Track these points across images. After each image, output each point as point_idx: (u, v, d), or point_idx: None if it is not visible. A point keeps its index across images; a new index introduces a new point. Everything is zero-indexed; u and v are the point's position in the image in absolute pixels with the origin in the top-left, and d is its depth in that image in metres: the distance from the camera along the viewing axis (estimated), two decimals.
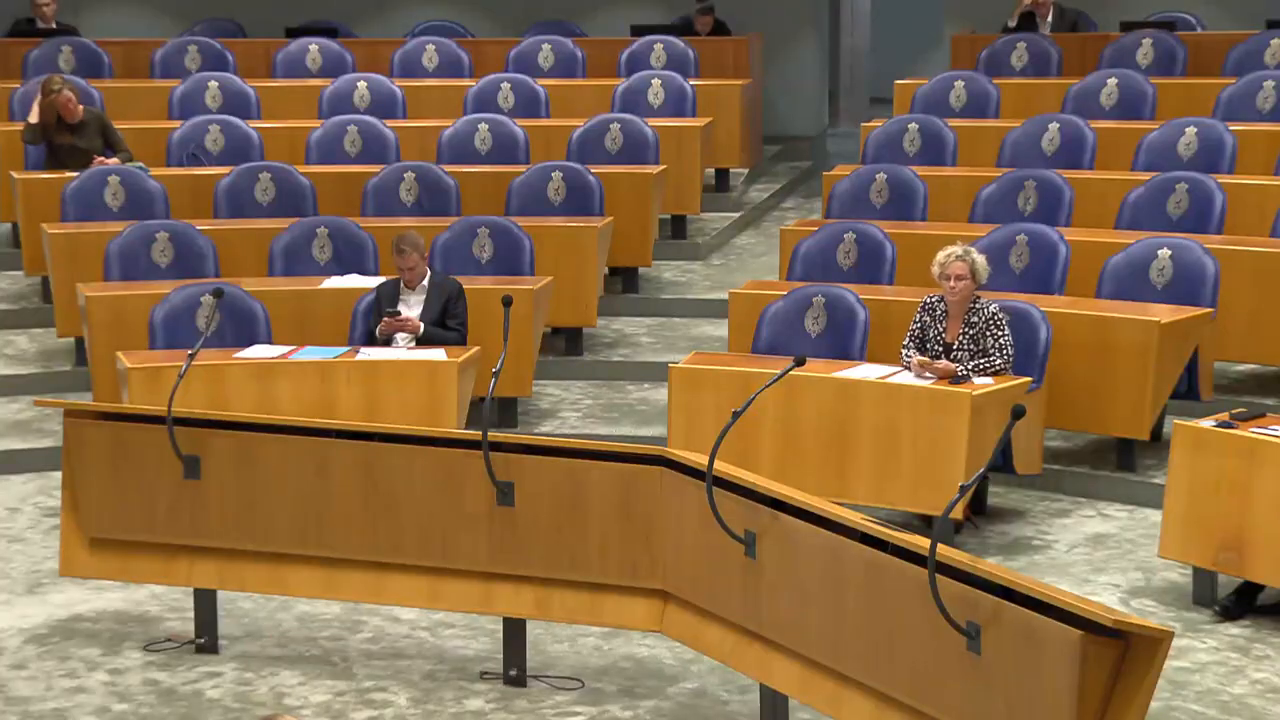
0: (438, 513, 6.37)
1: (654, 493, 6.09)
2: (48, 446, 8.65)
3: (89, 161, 10.45)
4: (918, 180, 10.00)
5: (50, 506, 8.15)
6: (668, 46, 12.72)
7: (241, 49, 13.10)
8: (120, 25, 14.51)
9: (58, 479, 7.12)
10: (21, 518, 8.27)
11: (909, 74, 12.59)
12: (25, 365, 9.94)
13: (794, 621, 5.59)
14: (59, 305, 9.73)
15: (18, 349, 10.17)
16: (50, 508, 8.13)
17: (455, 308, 8.58)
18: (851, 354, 8.23)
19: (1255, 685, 6.33)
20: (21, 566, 7.66)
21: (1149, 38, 11.68)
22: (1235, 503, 6.79)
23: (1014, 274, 8.87)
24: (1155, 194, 9.42)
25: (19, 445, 8.98)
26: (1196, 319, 8.29)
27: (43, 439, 8.93)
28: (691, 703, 6.24)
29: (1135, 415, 8.16)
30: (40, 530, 8.05)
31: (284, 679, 6.49)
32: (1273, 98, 10.62)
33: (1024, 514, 8.09)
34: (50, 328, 9.99)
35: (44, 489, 8.50)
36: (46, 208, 10.21)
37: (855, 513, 5.51)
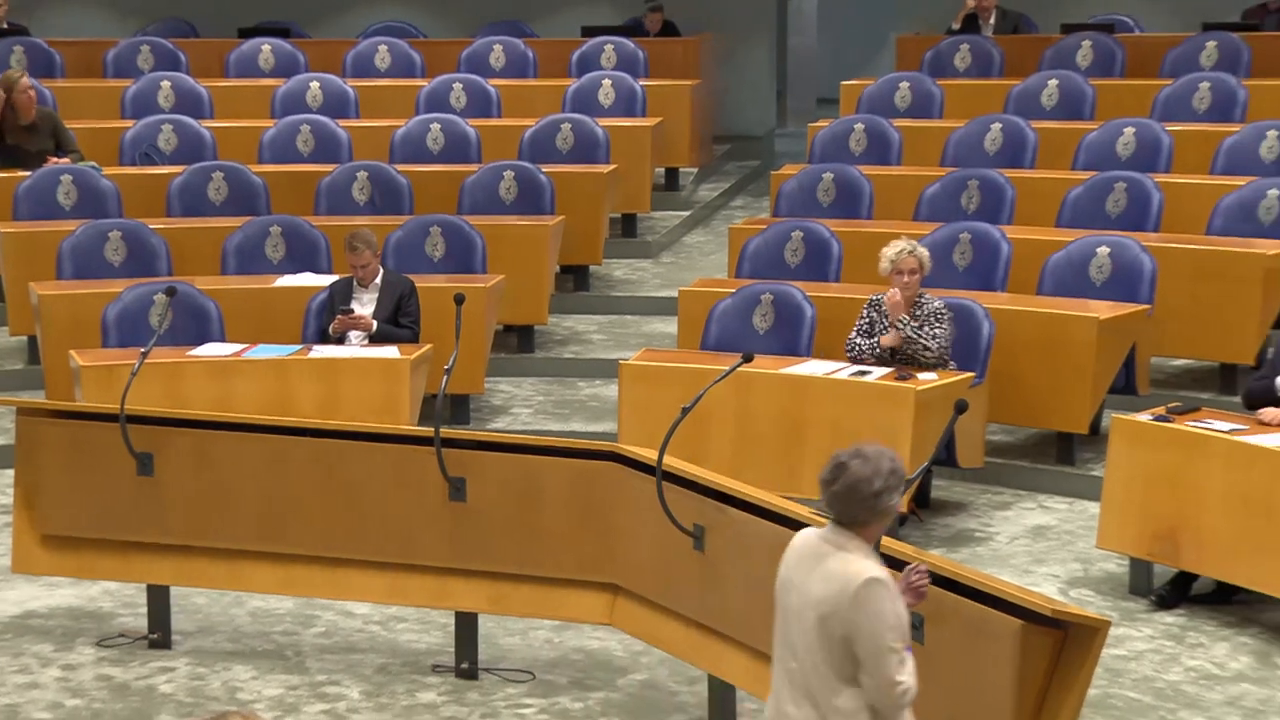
0: (393, 508, 6.37)
1: (605, 488, 6.11)
2: (1, 445, 8.59)
3: (41, 162, 10.37)
4: (864, 179, 10.05)
5: (3, 504, 8.08)
6: (618, 47, 12.73)
7: (194, 49, 13.03)
8: (72, 25, 14.43)
9: (10, 476, 7.09)
10: None
11: (855, 75, 12.65)
12: None
13: (743, 613, 5.61)
14: (12, 304, 9.69)
15: None
16: (3, 505, 8.06)
17: (408, 305, 8.58)
18: (799, 350, 8.26)
19: (1190, 672, 6.40)
20: None
21: (1089, 40, 11.76)
22: (1171, 495, 6.86)
23: (957, 271, 8.93)
24: (1094, 193, 9.50)
25: None
26: (1134, 315, 8.36)
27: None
28: (641, 694, 6.27)
29: (1075, 410, 8.23)
30: None
31: (237, 673, 6.48)
32: (1208, 99, 10.72)
33: (966, 506, 8.14)
34: (3, 326, 9.94)
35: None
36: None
37: (802, 506, 5.55)
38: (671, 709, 6.11)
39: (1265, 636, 6.69)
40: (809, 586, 4.16)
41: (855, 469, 4.14)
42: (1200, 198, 9.33)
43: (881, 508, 4.14)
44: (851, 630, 4.06)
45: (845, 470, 4.16)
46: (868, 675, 4.08)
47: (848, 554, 4.14)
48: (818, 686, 4.13)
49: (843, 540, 4.16)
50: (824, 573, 4.14)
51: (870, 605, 4.05)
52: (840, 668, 4.09)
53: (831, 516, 4.21)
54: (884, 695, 4.08)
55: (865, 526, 4.17)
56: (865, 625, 4.05)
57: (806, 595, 4.16)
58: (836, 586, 4.09)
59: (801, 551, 4.26)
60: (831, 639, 4.09)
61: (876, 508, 4.15)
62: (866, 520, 4.16)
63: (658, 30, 13.51)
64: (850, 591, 4.06)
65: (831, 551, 4.16)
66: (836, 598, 4.08)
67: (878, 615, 4.06)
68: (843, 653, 4.08)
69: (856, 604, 4.05)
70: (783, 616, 4.25)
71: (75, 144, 10.68)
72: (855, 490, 4.14)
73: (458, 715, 6.11)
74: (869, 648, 4.06)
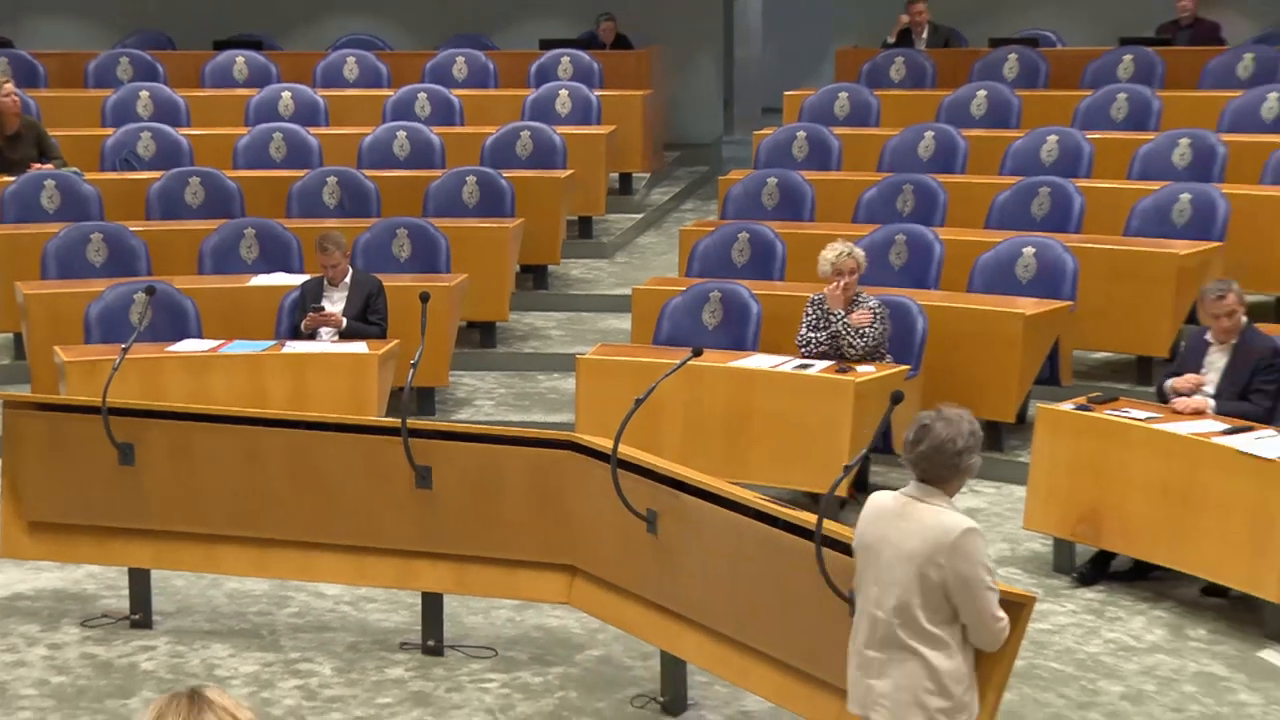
0: (361, 495, 6.35)
1: (563, 475, 6.11)
2: None
3: (25, 168, 10.29)
4: (805, 184, 10.07)
5: None
6: (574, 59, 12.72)
7: (172, 60, 12.96)
8: (55, 37, 14.32)
9: None
10: None
11: (797, 86, 12.66)
12: None
13: (693, 592, 5.62)
14: None
15: None
16: None
17: (376, 303, 8.55)
18: (745, 345, 8.28)
19: (1108, 644, 6.45)
20: None
21: (1014, 53, 11.82)
22: (1091, 479, 6.91)
23: (893, 270, 8.96)
24: (1020, 197, 9.55)
25: None
26: (1057, 311, 8.41)
27: None
28: (597, 669, 6.27)
29: (1002, 399, 8.27)
30: None
31: (215, 651, 6.45)
32: (1125, 108, 10.79)
33: None
34: None
35: None
36: None
37: (749, 491, 5.56)
38: (626, 683, 6.12)
39: (1178, 610, 6.75)
40: (903, 541, 4.26)
41: (939, 431, 4.27)
42: (1118, 201, 9.39)
43: (963, 466, 4.28)
44: (951, 576, 4.18)
45: (929, 432, 4.27)
46: (969, 615, 4.21)
47: (937, 508, 4.25)
48: (909, 631, 4.24)
49: (929, 496, 4.27)
50: (918, 526, 4.24)
51: (969, 552, 4.19)
52: (937, 610, 4.21)
53: (916, 475, 4.31)
54: (986, 631, 4.22)
55: (947, 483, 4.29)
56: (966, 570, 4.18)
57: (901, 548, 4.25)
58: (934, 537, 4.20)
59: (886, 511, 4.35)
60: (929, 585, 4.20)
61: (958, 466, 4.27)
62: (949, 477, 4.28)
63: (611, 40, 13.50)
64: (949, 542, 4.18)
65: (920, 507, 4.27)
66: (935, 548, 4.19)
67: (977, 561, 4.19)
68: (940, 597, 4.20)
69: (956, 552, 4.17)
70: (866, 571, 4.36)
71: (58, 151, 10.60)
72: (940, 450, 4.26)
73: (424, 690, 6.09)
74: (970, 591, 4.19)
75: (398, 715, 5.89)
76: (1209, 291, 7.09)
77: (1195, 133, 9.93)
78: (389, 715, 5.89)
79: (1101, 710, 5.91)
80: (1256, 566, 6.37)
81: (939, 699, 4.21)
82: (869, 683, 4.31)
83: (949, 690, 4.21)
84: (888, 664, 4.27)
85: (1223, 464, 6.50)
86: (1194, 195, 9.16)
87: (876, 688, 4.28)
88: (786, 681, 5.29)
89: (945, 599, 4.20)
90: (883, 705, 4.27)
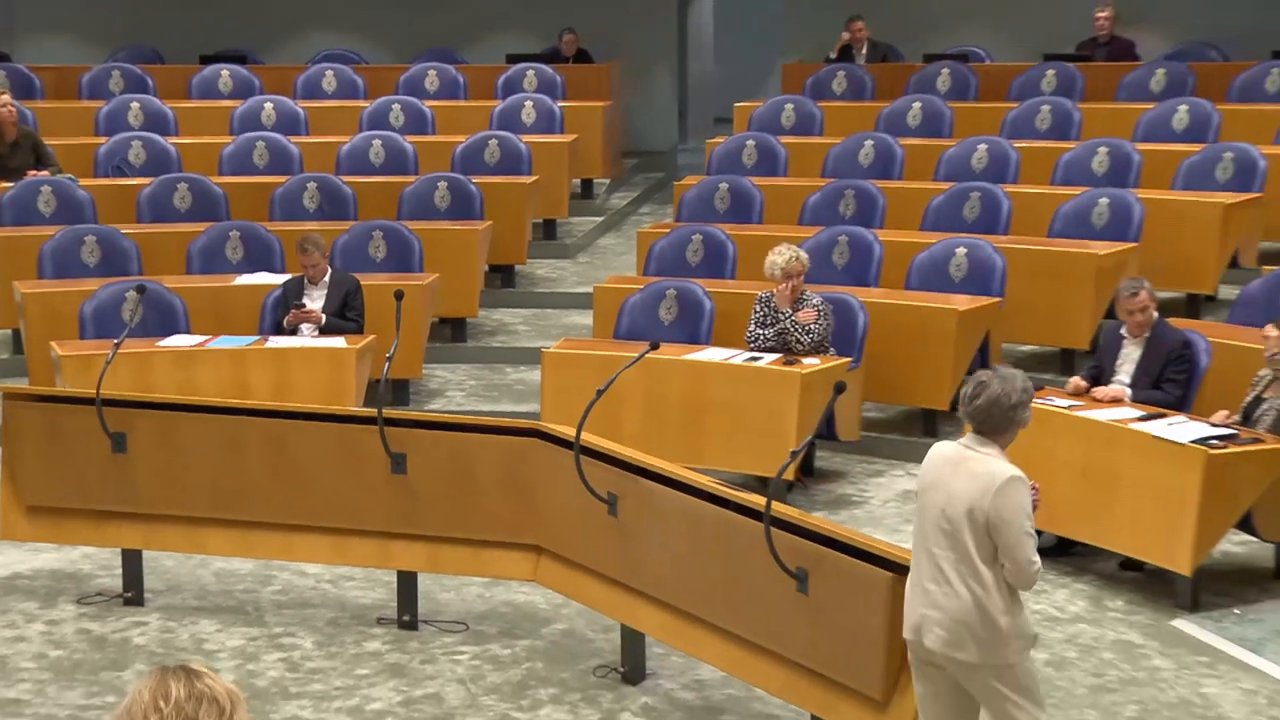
0: (340, 480, 6.32)
1: (529, 461, 6.10)
2: None
3: (23, 175, 10.21)
4: (755, 189, 10.08)
5: None
6: (539, 72, 12.69)
7: (160, 73, 12.86)
8: (50, 52, 14.20)
9: None
10: None
11: (747, 98, 12.68)
12: None
13: (651, 569, 5.62)
14: None
15: None
16: None
17: (354, 301, 8.51)
18: (699, 339, 8.29)
19: (1034, 615, 6.44)
20: None
21: (947, 68, 11.87)
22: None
23: (836, 269, 8.99)
24: (953, 201, 9.59)
25: None
26: (988, 307, 8.45)
27: None
28: (561, 641, 6.26)
29: (937, 389, 8.31)
30: None
31: (203, 627, 6.41)
32: (1048, 119, 10.85)
33: (845, 474, 8.20)
34: None
35: None
36: None
37: (704, 475, 5.56)
38: (589, 654, 6.12)
39: (1098, 583, 6.79)
40: (955, 485, 4.38)
41: (994, 387, 4.37)
42: (1042, 205, 9.44)
43: (1015, 419, 4.39)
44: (994, 518, 4.29)
45: (986, 389, 4.38)
46: (1008, 556, 4.31)
47: (988, 457, 4.37)
48: (961, 565, 4.35)
49: (982, 446, 4.39)
50: (969, 473, 4.36)
51: (1012, 498, 4.30)
52: (981, 549, 4.33)
53: (972, 427, 4.42)
54: (1021, 571, 4.33)
55: (1001, 435, 4.40)
56: (1007, 514, 4.29)
57: (953, 492, 4.38)
58: (982, 484, 4.32)
59: (944, 458, 4.47)
60: (977, 526, 4.32)
61: (1011, 419, 4.39)
62: (1003, 430, 4.40)
63: (573, 54, 13.47)
64: (994, 487, 4.30)
65: (973, 456, 4.39)
66: (982, 493, 4.31)
67: (1018, 506, 4.31)
68: (985, 537, 4.32)
69: (1000, 497, 4.29)
70: (926, 511, 4.46)
71: (54, 158, 10.52)
72: (995, 405, 4.37)
73: (400, 662, 6.07)
74: (1010, 533, 4.30)
75: (375, 686, 5.87)
76: (1124, 289, 7.14)
77: (1112, 142, 9.99)
78: (367, 686, 5.87)
79: None
80: (1169, 543, 6.42)
81: (985, 628, 4.33)
82: (923, 611, 4.43)
83: (995, 620, 4.33)
84: (941, 595, 4.38)
85: (1139, 448, 6.54)
86: (1111, 200, 9.22)
87: (931, 616, 4.41)
88: (737, 652, 5.30)
89: (989, 538, 4.32)
90: (936, 632, 4.39)
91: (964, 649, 4.34)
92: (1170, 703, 5.71)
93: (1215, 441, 6.37)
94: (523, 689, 5.83)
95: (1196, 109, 10.44)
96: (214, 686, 2.47)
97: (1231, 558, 6.95)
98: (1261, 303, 7.92)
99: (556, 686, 5.84)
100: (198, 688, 2.47)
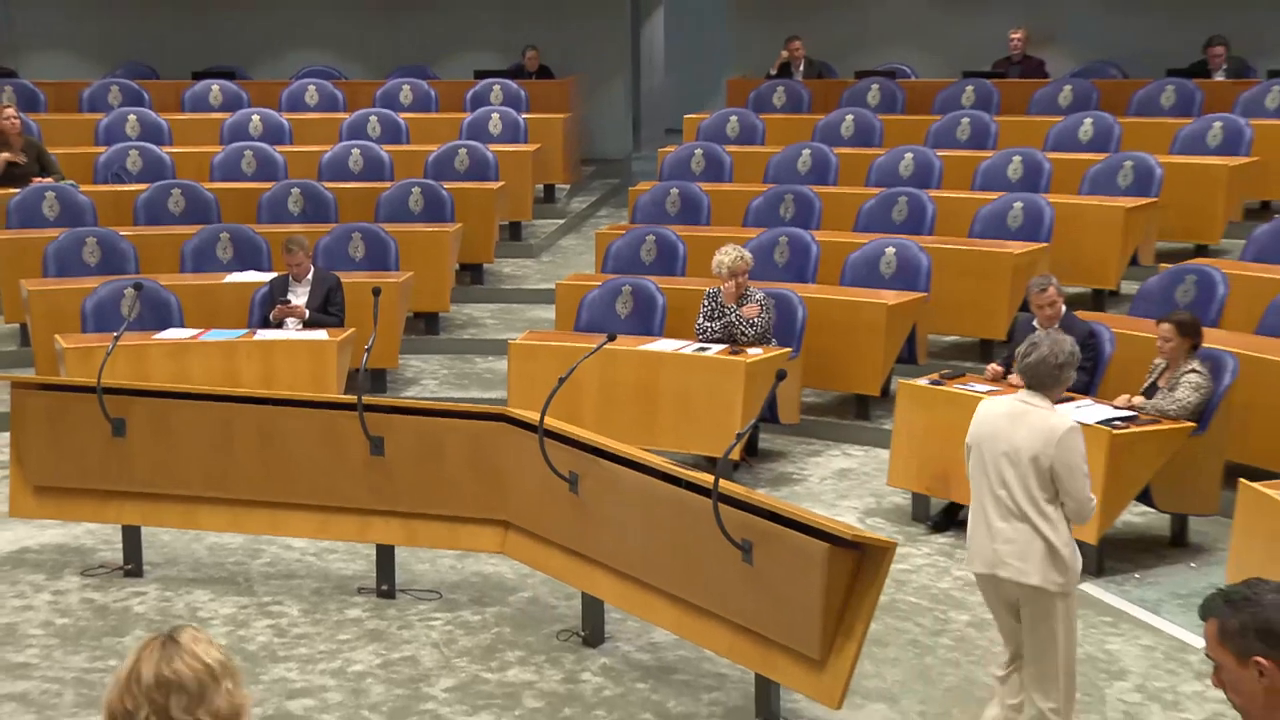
0: (323, 462, 6.28)
1: (497, 443, 6.07)
2: None
3: (28, 182, 10.11)
4: (702, 194, 10.08)
5: (1, 461, 7.85)
6: (504, 87, 12.63)
7: (155, 88, 12.73)
8: (54, 68, 14.04)
9: (6, 439, 6.89)
10: None
11: (695, 110, 12.67)
12: None
13: (609, 543, 5.61)
14: (6, 297, 9.42)
15: None
16: (1, 461, 7.83)
17: (335, 297, 8.45)
18: (653, 331, 8.27)
19: (956, 580, 6.52)
20: None
21: (876, 84, 11.89)
22: (943, 443, 6.96)
23: (777, 267, 8.99)
24: (883, 205, 9.61)
25: None
26: (914, 301, 8.48)
27: None
28: (527, 608, 6.25)
29: (869, 376, 8.33)
30: None
31: (197, 596, 6.35)
32: (968, 130, 10.89)
33: (786, 454, 8.21)
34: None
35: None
36: None
37: (657, 456, 5.55)
38: (552, 620, 6.10)
39: None
40: (1017, 436, 4.63)
41: (1044, 348, 4.67)
42: (963, 209, 9.47)
43: (1060, 378, 4.68)
44: (1058, 465, 4.58)
45: (1037, 349, 4.67)
46: (1069, 495, 4.61)
47: (1044, 411, 4.65)
48: (1027, 505, 4.63)
49: (1036, 401, 4.68)
50: (1030, 425, 4.63)
51: (1072, 447, 4.60)
52: (1045, 490, 4.61)
53: (1025, 384, 4.70)
54: (1082, 507, 4.64)
55: (1049, 390, 4.68)
56: (1069, 460, 4.59)
57: (1015, 442, 4.64)
58: (1045, 435, 4.59)
59: (1000, 413, 4.73)
60: (1040, 470, 4.60)
61: (1057, 378, 4.68)
62: (1050, 386, 4.68)
63: (535, 69, 13.41)
64: (1056, 438, 4.58)
65: (1030, 410, 4.66)
66: (1045, 443, 4.58)
67: (1078, 453, 4.61)
68: (1047, 480, 4.61)
69: (1062, 447, 4.58)
70: (987, 459, 4.71)
71: (57, 166, 10.40)
72: (1043, 363, 4.65)
73: (379, 628, 6.04)
74: (1071, 476, 4.59)
75: (356, 650, 5.83)
76: (1034, 285, 7.18)
77: (1025, 151, 10.04)
78: (349, 650, 5.83)
79: (950, 635, 5.97)
80: None
81: (1049, 557, 4.60)
82: (995, 546, 4.68)
83: (1058, 550, 4.60)
84: (1011, 531, 4.63)
85: None
86: (1025, 204, 9.26)
87: (1002, 551, 4.66)
88: (687, 617, 5.29)
89: (1051, 481, 4.59)
90: (1008, 563, 4.65)
91: (1032, 576, 4.61)
92: (1079, 658, 5.73)
93: (1118, 423, 6.41)
94: (492, 652, 5.81)
95: (1100, 122, 10.51)
96: (182, 671, 2.36)
97: (1132, 527, 7.01)
98: (1158, 297, 7.98)
99: (523, 649, 5.83)
100: (164, 674, 2.36)
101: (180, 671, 2.36)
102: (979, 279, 8.81)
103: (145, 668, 2.37)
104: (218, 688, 2.37)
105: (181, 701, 2.35)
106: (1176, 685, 5.53)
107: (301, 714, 5.33)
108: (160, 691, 2.35)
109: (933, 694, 5.47)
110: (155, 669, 2.37)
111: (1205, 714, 5.32)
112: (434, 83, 12.90)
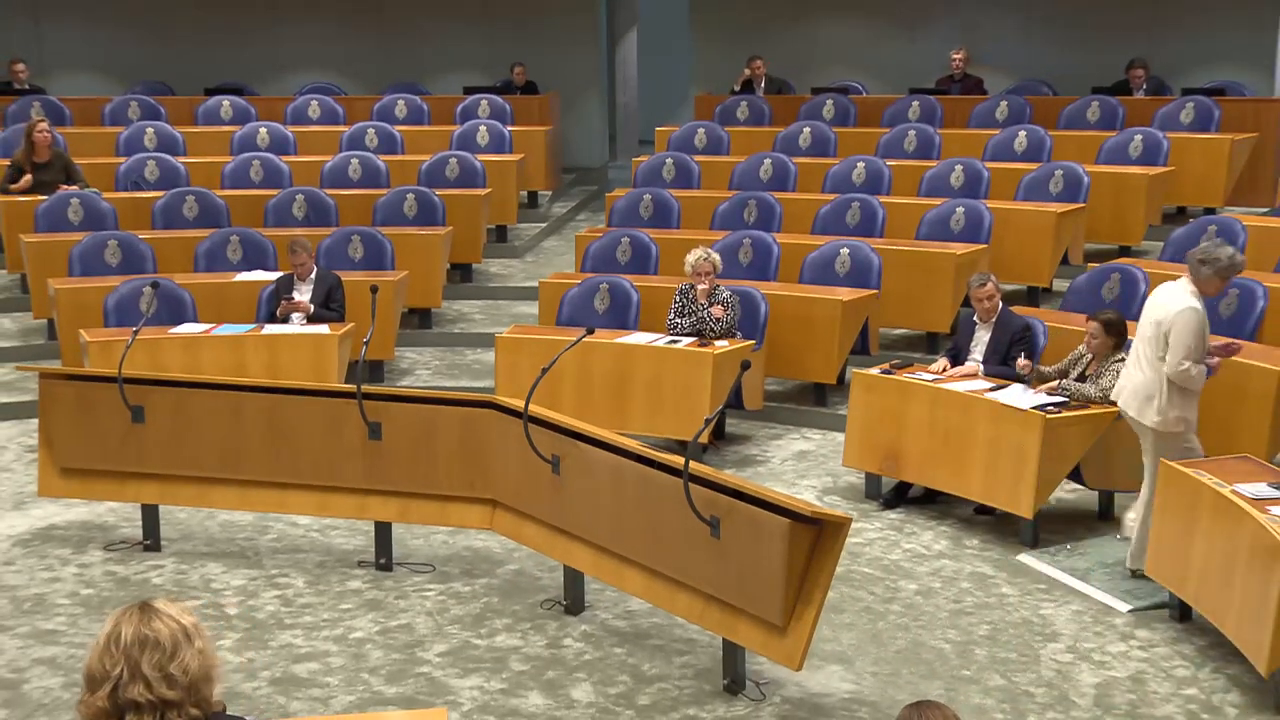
0: (325, 445, 6.22)
1: (485, 428, 6.03)
2: (28, 400, 8.25)
3: (54, 189, 10.03)
4: (673, 199, 10.04)
5: (30, 445, 7.80)
6: (491, 102, 12.57)
7: (171, 104, 12.63)
8: (78, 86, 13.97)
9: (35, 424, 6.82)
10: (8, 453, 7.89)
11: (665, 122, 12.63)
12: (9, 340, 9.49)
13: (588, 519, 5.58)
14: (35, 295, 9.33)
15: (3, 329, 9.71)
16: (30, 445, 7.78)
17: (336, 294, 8.38)
18: (628, 325, 8.24)
19: (906, 552, 6.52)
20: (8, 490, 7.32)
21: (831, 99, 11.87)
22: (893, 427, 6.97)
23: (742, 266, 8.97)
24: (838, 210, 9.60)
25: (5, 400, 8.55)
26: (867, 298, 8.46)
27: (24, 395, 8.50)
28: (514, 580, 6.21)
29: (826, 366, 8.32)
30: (23, 462, 7.70)
31: (211, 569, 6.29)
32: (914, 142, 10.88)
33: (751, 438, 8.19)
34: (28, 312, 9.57)
35: (25, 432, 8.11)
36: (24, 223, 9.80)
37: (632, 440, 5.52)
38: (536, 590, 6.07)
39: (958, 526, 6.83)
40: (1157, 301, 5.71)
41: (1204, 246, 5.70)
42: (910, 213, 9.47)
43: (1203, 274, 5.62)
44: (1171, 330, 5.58)
45: (1201, 246, 5.68)
46: (1171, 355, 5.60)
47: (1184, 294, 5.63)
48: (1143, 359, 5.71)
49: (1187, 286, 5.66)
50: (1169, 296, 5.68)
51: (1184, 319, 5.59)
52: (1159, 348, 5.64)
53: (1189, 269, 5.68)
54: (1174, 369, 5.61)
55: (1201, 282, 5.65)
56: (1177, 327, 5.58)
57: (1155, 307, 5.71)
58: (1172, 307, 5.62)
59: (1163, 288, 5.73)
60: (1160, 333, 5.63)
61: (1202, 273, 5.63)
62: (1201, 278, 5.64)
63: (522, 84, 13.36)
64: (1175, 310, 5.60)
65: (1178, 288, 5.67)
66: (1168, 312, 5.62)
67: (1186, 326, 5.58)
68: (1163, 341, 5.60)
69: (1178, 317, 5.59)
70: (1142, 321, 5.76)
71: (81, 175, 10.31)
72: (1191, 257, 5.65)
73: (377, 598, 5.99)
74: (1176, 344, 5.58)
75: (357, 618, 5.79)
76: (974, 282, 7.17)
77: (966, 161, 10.04)
78: (350, 618, 5.79)
79: (901, 603, 5.97)
80: (1015, 492, 6.46)
81: (1156, 400, 5.67)
82: (1122, 384, 5.83)
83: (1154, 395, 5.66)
84: (1134, 374, 5.73)
85: (989, 414, 6.58)
86: (966, 209, 9.26)
87: (1126, 388, 5.80)
88: (659, 587, 5.27)
89: (1165, 342, 5.56)
90: (1125, 399, 5.74)
91: (1136, 411, 5.69)
92: (1015, 622, 5.75)
93: (1051, 408, 6.41)
94: (481, 620, 5.77)
95: (1033, 134, 10.52)
96: (159, 629, 2.36)
97: (1064, 503, 7.02)
98: (1087, 293, 8.00)
99: (509, 617, 5.79)
100: (143, 632, 2.35)
101: (158, 629, 2.36)
102: (925, 277, 8.81)
103: (125, 628, 2.36)
104: (190, 646, 2.36)
105: (154, 658, 2.33)
106: (1104, 646, 5.54)
107: (306, 677, 5.28)
108: (137, 647, 2.33)
109: (884, 655, 5.46)
110: (135, 628, 2.35)
111: (1129, 671, 5.33)
112: (427, 98, 12.81)
